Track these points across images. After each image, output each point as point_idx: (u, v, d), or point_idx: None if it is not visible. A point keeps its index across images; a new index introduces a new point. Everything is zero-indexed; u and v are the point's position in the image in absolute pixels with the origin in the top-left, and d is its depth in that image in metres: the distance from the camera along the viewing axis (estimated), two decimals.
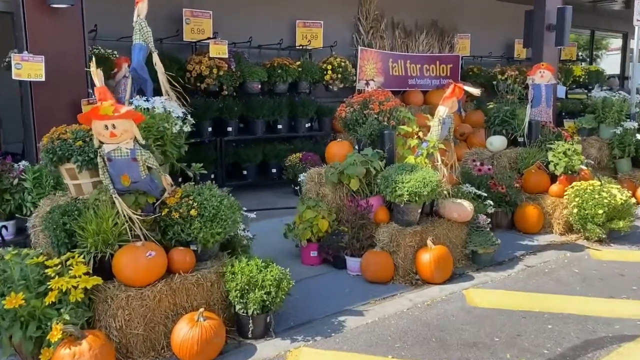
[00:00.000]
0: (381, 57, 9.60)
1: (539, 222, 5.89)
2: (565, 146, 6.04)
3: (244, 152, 7.71)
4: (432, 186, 4.41)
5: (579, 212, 5.55)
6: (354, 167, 4.62)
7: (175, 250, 3.41)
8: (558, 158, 6.00)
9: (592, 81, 12.58)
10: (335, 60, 8.40)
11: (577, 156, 5.99)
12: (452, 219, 4.80)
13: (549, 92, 6.72)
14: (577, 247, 5.48)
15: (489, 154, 6.53)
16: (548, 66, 6.76)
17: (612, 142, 7.61)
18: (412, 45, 10.46)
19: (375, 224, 4.70)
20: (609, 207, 5.41)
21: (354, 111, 5.23)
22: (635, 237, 5.71)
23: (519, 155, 6.43)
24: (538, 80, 6.68)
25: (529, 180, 6.18)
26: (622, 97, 7.79)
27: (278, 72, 7.74)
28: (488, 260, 4.90)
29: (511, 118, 6.64)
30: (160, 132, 3.78)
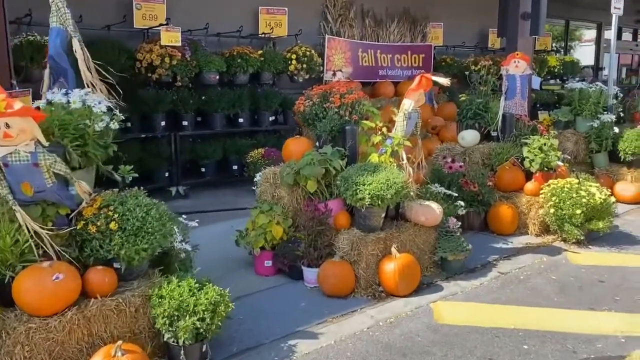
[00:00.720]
0: (350, 47, 9.11)
1: (513, 222, 5.52)
2: (541, 141, 5.66)
3: (201, 148, 7.17)
4: (396, 188, 3.97)
5: (555, 212, 5.18)
6: (311, 167, 4.15)
7: (92, 271, 2.90)
8: (533, 154, 5.62)
9: (567, 72, 12.33)
10: (300, 50, 7.89)
11: (553, 152, 5.62)
12: (420, 222, 4.37)
13: (524, 83, 6.34)
14: (554, 250, 5.12)
15: (460, 149, 6.12)
16: (523, 56, 6.37)
17: (589, 135, 7.29)
18: (382, 34, 9.99)
19: (336, 230, 4.25)
20: (588, 207, 5.05)
21: (314, 104, 4.75)
22: (614, 237, 5.38)
23: (493, 150, 6.04)
24: (512, 70, 6.29)
25: (503, 177, 5.79)
26: (599, 88, 7.46)
27: (238, 61, 7.20)
28: (459, 267, 4.49)
29: (484, 111, 6.24)
30: (80, 131, 3.24)
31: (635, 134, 6.99)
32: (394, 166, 4.35)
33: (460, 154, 6.08)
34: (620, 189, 6.86)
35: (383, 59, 9.74)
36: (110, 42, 6.52)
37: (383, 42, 9.84)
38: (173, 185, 6.89)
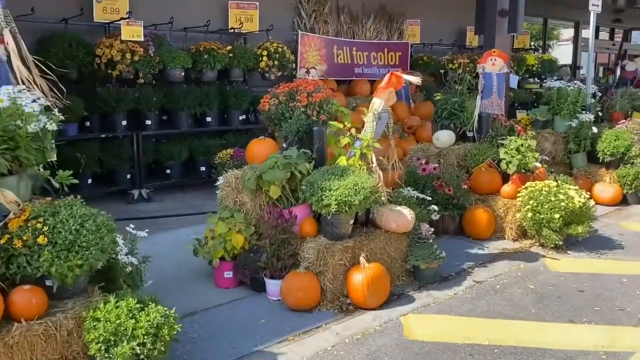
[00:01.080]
0: (325, 44, 8.84)
1: (489, 226, 5.30)
2: (518, 142, 5.45)
3: (166, 149, 6.83)
4: (364, 193, 3.70)
5: (533, 216, 4.98)
6: (273, 172, 3.86)
7: (16, 291, 2.57)
8: (510, 155, 5.40)
9: (546, 71, 12.23)
10: (271, 46, 7.59)
11: (531, 153, 5.41)
12: (391, 229, 4.11)
13: (501, 82, 6.13)
14: (532, 255, 4.91)
15: (435, 150, 5.89)
16: (500, 53, 6.16)
17: (567, 135, 7.12)
18: (358, 31, 9.73)
19: (301, 238, 3.96)
20: (566, 211, 4.85)
21: (279, 103, 4.45)
22: (593, 242, 5.19)
23: (468, 151, 5.82)
24: (489, 68, 6.07)
25: (479, 179, 5.57)
26: (577, 87, 7.30)
27: (204, 57, 6.87)
28: (432, 276, 4.24)
29: (459, 110, 6.02)
30: (10, 133, 2.90)
31: (614, 134, 6.84)
32: (364, 170, 4.09)
33: (435, 155, 5.85)
34: (598, 191, 6.70)
35: (359, 56, 9.48)
36: (68, 36, 6.15)
37: (359, 39, 9.59)
38: (135, 187, 6.54)
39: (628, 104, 8.72)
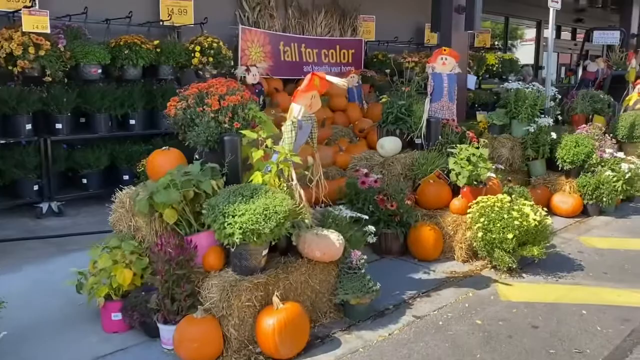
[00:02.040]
0: (270, 39, 8.15)
1: (437, 246, 4.72)
2: (469, 150, 4.89)
3: (81, 156, 6.03)
4: (277, 219, 3.05)
5: (484, 236, 4.41)
6: (167, 192, 3.16)
7: None
8: (460, 166, 4.83)
9: (507, 70, 11.81)
10: (205, 40, 6.85)
11: (483, 163, 4.86)
12: (315, 258, 3.48)
13: (452, 83, 5.56)
14: (482, 280, 4.34)
15: (379, 159, 5.28)
16: (451, 51, 5.59)
17: (525, 141, 6.62)
18: (308, 26, 9.07)
19: (206, 272, 3.29)
20: (520, 231, 4.31)
21: (188, 107, 3.76)
22: (550, 261, 4.66)
23: (416, 161, 5.23)
24: (439, 68, 5.50)
25: (426, 193, 4.99)
26: (536, 89, 6.81)
27: (125, 53, 6.09)
28: (364, 311, 3.62)
29: (407, 115, 5.43)
30: None
31: (574, 140, 6.37)
32: (283, 188, 3.44)
33: (379, 164, 5.24)
34: (558, 201, 6.22)
35: (308, 53, 8.83)
36: None
37: (309, 36, 8.94)
38: (44, 200, 5.73)
39: (589, 106, 8.32)
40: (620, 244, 5.31)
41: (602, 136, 6.87)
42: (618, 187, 6.14)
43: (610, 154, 6.45)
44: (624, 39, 12.36)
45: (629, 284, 4.31)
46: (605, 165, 6.34)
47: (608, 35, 12.19)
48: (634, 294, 4.09)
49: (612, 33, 12.21)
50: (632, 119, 7.87)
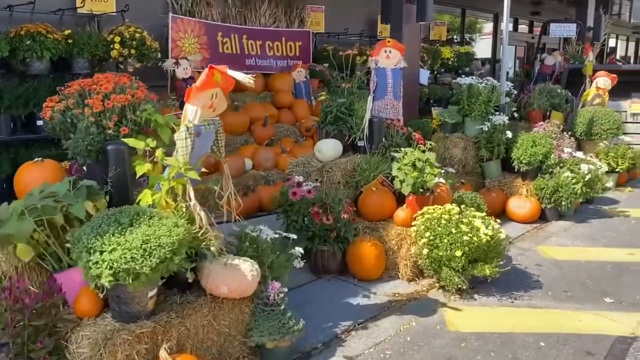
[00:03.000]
0: (206, 29, 7.43)
1: (379, 264, 4.15)
2: (414, 155, 4.32)
3: None
4: (162, 254, 2.40)
5: (430, 253, 3.87)
6: (20, 222, 2.46)
7: None
8: (404, 172, 4.27)
9: (463, 64, 11.40)
10: (127, 30, 6.07)
11: (430, 168, 4.31)
12: (222, 295, 2.84)
13: (397, 79, 5.00)
14: (429, 305, 3.79)
15: (318, 164, 4.67)
16: (396, 44, 5.02)
17: (479, 140, 6.13)
18: (251, 16, 8.36)
19: (77, 321, 2.61)
20: (470, 247, 3.77)
21: (68, 109, 3.06)
22: (506, 279, 4.15)
23: (358, 166, 4.65)
24: (383, 62, 4.92)
25: (368, 202, 4.42)
26: (490, 84, 6.32)
27: (27, 43, 5.28)
28: (284, 355, 3.01)
29: (348, 114, 4.83)
30: None
31: (531, 140, 5.91)
32: (181, 210, 2.79)
33: (316, 171, 4.63)
34: (514, 206, 5.75)
35: (251, 45, 8.14)
36: None
37: (252, 26, 8.24)
38: None
39: (547, 101, 7.92)
40: (581, 254, 4.87)
41: (560, 134, 6.45)
42: (577, 190, 5.71)
43: (569, 153, 6.03)
44: (580, 32, 12.12)
45: (591, 304, 3.83)
46: (563, 166, 5.90)
47: (564, 28, 11.92)
48: (597, 318, 3.61)
49: (568, 26, 11.95)
50: (591, 115, 7.51)
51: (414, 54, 8.14)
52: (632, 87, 9.50)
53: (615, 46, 21.49)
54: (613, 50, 20.80)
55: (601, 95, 7.86)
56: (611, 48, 20.60)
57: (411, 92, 8.22)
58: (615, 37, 21.35)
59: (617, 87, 8.15)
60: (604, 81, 7.85)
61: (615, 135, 7.42)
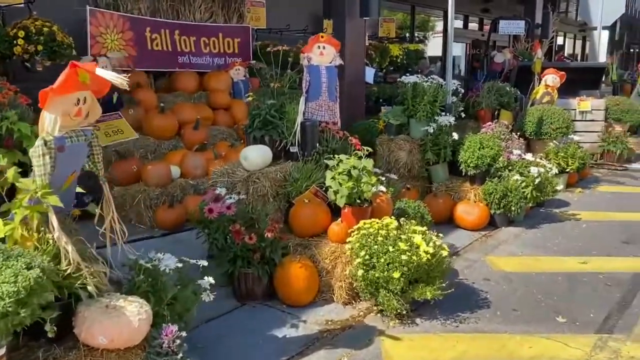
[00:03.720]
0: (131, 24, 6.79)
1: (310, 287, 3.69)
2: (350, 162, 3.87)
3: None
4: (1, 307, 1.84)
5: (365, 274, 3.43)
6: None
7: None
8: (338, 182, 3.81)
9: (412, 62, 11.11)
10: (33, 24, 5.40)
11: (367, 177, 3.86)
12: (100, 346, 2.30)
13: (333, 78, 4.53)
14: (365, 334, 3.35)
15: (244, 174, 4.16)
16: (330, 39, 4.56)
17: (425, 143, 5.75)
18: (184, 10, 7.74)
19: None
20: (410, 267, 3.35)
21: None
22: (451, 298, 3.71)
23: (289, 175, 4.17)
24: (316, 59, 4.45)
25: (300, 216, 3.94)
26: (436, 83, 5.95)
27: None
28: None
29: (279, 117, 4.34)
30: None
31: (478, 141, 5.56)
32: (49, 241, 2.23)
33: (242, 181, 4.12)
34: (462, 212, 5.40)
35: (184, 42, 7.53)
36: None
37: (185, 21, 7.64)
38: None
39: (495, 100, 7.67)
40: (531, 264, 4.55)
41: (509, 135, 6.16)
42: (527, 194, 5.41)
43: (518, 155, 5.73)
44: (529, 29, 12.03)
45: (543, 325, 3.48)
46: (513, 168, 5.60)
47: (513, 25, 11.78)
48: (549, 343, 3.25)
49: (517, 23, 11.82)
50: (540, 114, 7.29)
51: (359, 51, 7.75)
52: (580, 85, 9.41)
53: (564, 44, 21.83)
54: (561, 48, 21.11)
55: (550, 93, 7.65)
56: (559, 46, 20.90)
57: (357, 91, 7.84)
58: (563, 35, 21.67)
59: (566, 84, 7.99)
60: (552, 79, 7.65)
61: (565, 134, 7.21)
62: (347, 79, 7.54)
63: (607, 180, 7.81)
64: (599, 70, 10.03)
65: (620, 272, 4.36)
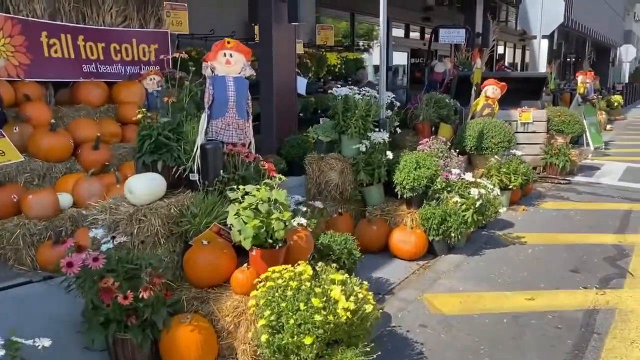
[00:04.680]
0: (22, 28, 5.86)
1: (205, 354, 2.96)
2: (258, 194, 3.18)
3: None
4: None
5: (271, 339, 2.74)
6: None
7: None
8: (242, 219, 3.12)
9: (351, 71, 10.58)
10: None
11: (280, 212, 3.18)
12: None
13: (242, 91, 3.84)
14: None
15: (129, 209, 3.39)
16: (238, 45, 3.88)
17: (357, 162, 5.16)
18: (91, 13, 6.85)
19: None
20: (326, 329, 2.69)
21: None
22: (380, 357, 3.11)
23: (187, 210, 3.44)
24: (222, 69, 3.75)
25: (197, 262, 3.22)
26: (370, 95, 5.37)
27: None
28: None
29: (175, 140, 3.61)
30: None
31: (414, 161, 5.01)
32: None
33: (126, 219, 3.35)
34: (397, 241, 4.82)
35: (90, 48, 6.62)
36: None
37: (92, 25, 6.77)
38: None
39: (434, 113, 7.19)
40: (474, 303, 4.00)
41: (447, 152, 5.65)
42: (468, 218, 4.90)
43: (457, 175, 5.21)
44: (470, 38, 11.77)
45: None
46: (452, 190, 5.08)
47: (453, 33, 11.50)
48: None
49: (457, 31, 11.54)
50: (480, 127, 6.86)
51: (289, 59, 7.10)
52: (521, 95, 9.14)
53: (504, 53, 22.03)
54: (502, 57, 21.27)
55: (491, 105, 7.25)
56: (500, 55, 21.06)
57: (288, 103, 7.18)
58: (504, 44, 21.88)
59: (507, 95, 7.61)
60: (492, 90, 7.24)
61: (507, 148, 6.80)
62: (277, 91, 6.89)
63: (551, 195, 7.48)
64: (540, 80, 9.79)
65: (570, 310, 3.88)
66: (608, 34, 26.84)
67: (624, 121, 19.11)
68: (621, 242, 5.47)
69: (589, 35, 23.32)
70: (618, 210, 6.75)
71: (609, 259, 4.99)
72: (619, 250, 5.25)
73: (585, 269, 4.72)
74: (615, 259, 5.02)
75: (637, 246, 5.37)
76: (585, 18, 20.66)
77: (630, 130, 16.56)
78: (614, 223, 6.17)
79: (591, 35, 23.69)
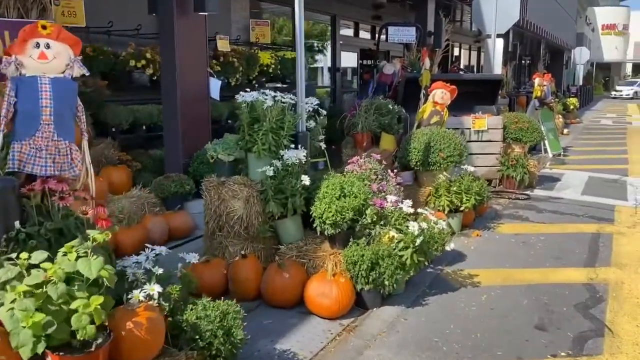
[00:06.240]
0: None
1: None
2: (53, 267, 1.97)
3: None
4: None
5: None
6: None
7: None
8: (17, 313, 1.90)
9: (288, 73, 9.41)
10: None
11: (86, 298, 1.98)
12: None
13: (68, 97, 2.60)
14: None
15: None
16: (59, 31, 2.63)
17: (265, 189, 3.99)
18: None
19: None
20: None
21: None
22: None
23: None
24: (33, 66, 2.52)
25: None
26: (286, 103, 4.21)
27: None
28: None
29: None
30: None
31: (337, 187, 3.89)
32: None
33: None
34: (315, 294, 3.68)
35: None
36: None
37: None
38: None
39: (374, 121, 6.11)
40: None
41: (383, 173, 4.55)
42: (406, 260, 3.81)
43: (393, 203, 4.11)
44: (421, 37, 10.81)
45: None
46: (386, 223, 3.98)
47: (403, 32, 10.53)
48: None
49: (407, 30, 10.58)
50: (427, 138, 5.79)
51: (199, 58, 5.88)
52: (475, 100, 8.20)
53: (459, 55, 21.34)
54: (457, 59, 20.56)
55: (440, 112, 6.22)
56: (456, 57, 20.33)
57: (198, 110, 5.94)
58: (459, 46, 21.18)
59: (459, 99, 6.61)
60: (441, 94, 6.21)
61: (458, 163, 5.78)
62: (183, 96, 5.66)
63: (509, 215, 6.52)
64: (495, 83, 8.89)
65: None
66: (562, 36, 26.64)
67: (580, 124, 18.68)
68: (592, 280, 4.51)
69: (544, 37, 22.93)
70: (584, 233, 5.84)
71: (580, 307, 4.00)
72: (591, 292, 4.28)
73: (552, 324, 3.71)
74: (588, 305, 4.03)
75: (611, 285, 4.42)
76: (540, 19, 20.19)
77: (587, 134, 16.04)
78: (581, 251, 5.24)
79: (545, 37, 23.31)
